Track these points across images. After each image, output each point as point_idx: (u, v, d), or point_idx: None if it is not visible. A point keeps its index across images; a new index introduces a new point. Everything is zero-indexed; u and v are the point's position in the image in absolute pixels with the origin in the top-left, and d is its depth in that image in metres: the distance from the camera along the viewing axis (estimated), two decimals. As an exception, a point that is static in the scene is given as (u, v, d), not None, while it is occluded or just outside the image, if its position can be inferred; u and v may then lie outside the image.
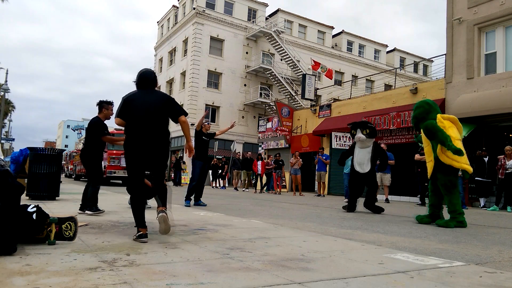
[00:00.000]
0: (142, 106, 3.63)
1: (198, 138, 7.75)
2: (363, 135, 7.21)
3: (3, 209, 2.63)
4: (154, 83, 3.87)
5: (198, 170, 7.67)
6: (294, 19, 34.78)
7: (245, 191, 17.43)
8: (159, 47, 38.49)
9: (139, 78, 3.82)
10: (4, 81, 29.05)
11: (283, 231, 4.24)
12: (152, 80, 3.85)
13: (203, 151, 7.74)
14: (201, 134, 7.76)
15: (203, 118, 7.77)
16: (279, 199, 11.65)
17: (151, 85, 3.84)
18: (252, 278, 2.15)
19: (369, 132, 7.22)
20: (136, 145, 3.57)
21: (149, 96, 3.72)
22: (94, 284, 1.94)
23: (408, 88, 15.67)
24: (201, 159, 7.65)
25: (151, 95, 3.75)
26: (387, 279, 2.26)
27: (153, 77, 3.88)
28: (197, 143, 7.74)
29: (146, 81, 3.81)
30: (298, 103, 28.43)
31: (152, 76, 3.86)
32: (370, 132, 7.24)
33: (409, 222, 5.87)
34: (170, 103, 3.78)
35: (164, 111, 3.72)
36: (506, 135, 12.69)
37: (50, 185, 7.41)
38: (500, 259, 3.09)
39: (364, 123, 7.43)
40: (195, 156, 7.74)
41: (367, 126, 7.30)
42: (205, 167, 7.79)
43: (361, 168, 7.34)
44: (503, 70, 12.36)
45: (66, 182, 17.62)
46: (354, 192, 7.51)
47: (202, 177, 7.80)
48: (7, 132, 44.31)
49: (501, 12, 12.31)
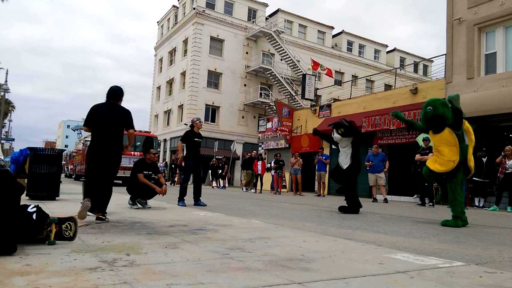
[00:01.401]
0: (106, 116, 4.61)
1: (189, 138, 7.70)
2: (338, 134, 7.26)
3: (3, 209, 2.63)
4: (120, 97, 4.84)
5: (190, 171, 7.67)
6: (294, 19, 34.79)
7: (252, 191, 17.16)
8: (159, 47, 38.50)
9: (110, 91, 4.79)
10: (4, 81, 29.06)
11: (283, 231, 4.24)
12: (119, 96, 4.82)
13: (194, 151, 7.70)
14: (192, 135, 7.71)
15: (179, 154, 8.08)
16: (279, 199, 11.65)
17: (117, 98, 4.80)
18: (252, 278, 2.15)
19: (344, 131, 7.22)
20: (98, 147, 4.57)
21: (112, 108, 4.68)
22: (94, 284, 1.93)
23: (408, 88, 15.67)
24: (192, 159, 7.62)
25: (114, 107, 4.70)
26: (387, 279, 2.26)
27: (120, 93, 4.83)
28: (189, 144, 7.71)
29: (114, 96, 4.78)
30: (298, 103, 28.43)
31: (119, 92, 4.83)
32: (345, 131, 7.23)
33: (409, 222, 5.87)
34: (127, 116, 4.71)
35: (122, 122, 4.68)
36: (506, 135, 12.69)
37: (50, 185, 7.41)
38: (500, 259, 3.09)
39: (338, 123, 7.40)
40: (187, 156, 7.76)
41: (341, 125, 7.29)
42: (198, 166, 7.73)
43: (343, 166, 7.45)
44: (503, 70, 12.36)
45: (66, 182, 17.62)
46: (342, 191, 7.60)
47: (197, 177, 7.76)
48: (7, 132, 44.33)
49: (501, 12, 12.31)
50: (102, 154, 4.58)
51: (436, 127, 5.53)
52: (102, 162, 4.60)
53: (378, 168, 12.57)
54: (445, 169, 5.45)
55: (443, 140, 5.48)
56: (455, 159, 5.37)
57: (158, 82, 38.24)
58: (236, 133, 31.07)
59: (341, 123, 7.34)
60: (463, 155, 5.43)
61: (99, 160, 4.59)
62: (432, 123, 5.55)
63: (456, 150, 5.40)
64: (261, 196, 13.72)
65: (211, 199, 9.81)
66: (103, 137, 4.59)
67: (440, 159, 5.53)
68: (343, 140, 7.31)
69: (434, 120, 5.50)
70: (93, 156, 4.61)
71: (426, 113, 5.55)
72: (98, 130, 4.62)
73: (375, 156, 12.73)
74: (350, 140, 7.35)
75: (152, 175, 6.78)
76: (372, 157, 12.80)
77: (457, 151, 5.40)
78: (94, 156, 4.60)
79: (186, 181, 7.69)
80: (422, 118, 5.71)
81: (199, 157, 7.80)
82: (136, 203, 6.55)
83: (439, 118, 5.43)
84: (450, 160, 5.40)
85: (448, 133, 5.43)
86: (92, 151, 4.61)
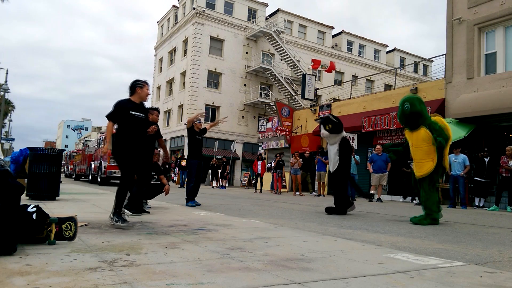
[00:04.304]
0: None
1: (191, 137, 7.57)
2: (326, 131, 6.84)
3: (3, 209, 2.63)
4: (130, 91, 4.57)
5: (195, 170, 7.53)
6: (294, 19, 34.78)
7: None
8: (159, 47, 38.48)
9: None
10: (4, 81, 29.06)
11: (283, 231, 4.24)
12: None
13: (197, 149, 7.60)
14: (194, 133, 7.58)
15: (197, 117, 7.55)
16: (279, 199, 11.65)
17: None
18: (252, 278, 2.15)
19: (332, 127, 6.79)
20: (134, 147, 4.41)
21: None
22: (94, 284, 1.93)
23: (408, 88, 15.67)
24: (196, 158, 7.53)
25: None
26: (387, 279, 2.26)
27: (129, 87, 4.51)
28: (191, 142, 7.60)
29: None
30: (298, 103, 28.43)
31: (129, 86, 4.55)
32: (333, 127, 6.80)
33: (409, 222, 5.86)
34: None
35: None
36: (506, 135, 12.68)
37: (50, 185, 7.41)
38: (500, 259, 3.09)
39: (326, 118, 7.00)
40: (190, 155, 7.67)
41: (329, 121, 6.87)
42: (201, 165, 7.64)
43: (331, 167, 7.06)
44: (503, 70, 12.35)
45: (66, 182, 17.62)
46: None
47: (198, 176, 7.68)
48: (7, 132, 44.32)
49: (501, 12, 12.31)
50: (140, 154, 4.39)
51: (413, 123, 5.66)
52: (140, 162, 4.41)
53: (383, 168, 12.59)
54: (425, 172, 5.58)
55: (420, 139, 5.62)
56: (433, 157, 5.51)
57: (158, 82, 38.24)
58: (236, 133, 31.06)
59: (329, 118, 6.94)
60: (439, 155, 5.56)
61: (137, 160, 4.33)
62: (410, 120, 5.67)
63: (434, 148, 5.51)
64: (261, 196, 13.72)
65: (211, 199, 9.80)
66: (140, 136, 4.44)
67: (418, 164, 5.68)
68: (331, 137, 6.88)
69: (412, 117, 5.64)
70: (130, 156, 4.26)
71: (404, 110, 5.67)
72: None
73: (379, 156, 12.73)
74: (339, 137, 6.94)
75: (154, 175, 6.78)
76: (376, 157, 12.80)
77: (434, 149, 5.51)
78: (131, 156, 4.27)
79: (192, 182, 7.52)
80: (400, 115, 5.82)
81: (201, 156, 7.70)
82: (136, 203, 6.53)
83: (416, 114, 5.57)
84: (429, 160, 5.54)
85: (424, 132, 5.57)
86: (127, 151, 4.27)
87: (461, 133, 11.85)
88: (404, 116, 5.72)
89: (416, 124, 5.64)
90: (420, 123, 5.61)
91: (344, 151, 6.88)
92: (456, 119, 12.57)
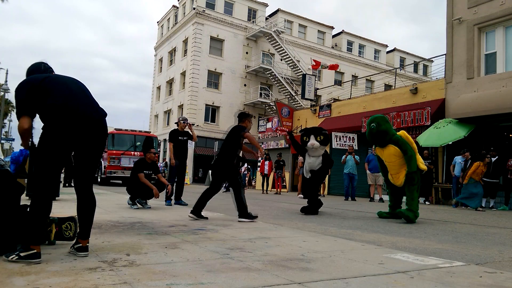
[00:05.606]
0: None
1: (174, 137, 7.64)
2: (317, 141, 6.70)
3: (3, 209, 2.63)
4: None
5: (175, 170, 7.67)
6: (294, 19, 34.78)
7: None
8: (159, 47, 38.48)
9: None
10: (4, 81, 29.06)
11: (283, 231, 4.24)
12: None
13: (179, 150, 7.67)
14: (177, 134, 7.68)
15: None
16: (279, 199, 11.65)
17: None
18: (252, 278, 2.15)
19: (323, 139, 6.74)
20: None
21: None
22: (94, 284, 1.93)
23: (408, 88, 15.66)
24: (177, 158, 7.61)
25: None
26: (387, 279, 2.26)
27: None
28: (174, 143, 7.66)
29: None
30: (298, 103, 28.42)
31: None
32: (324, 139, 6.76)
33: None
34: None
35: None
36: (506, 135, 12.68)
37: (50, 185, 7.38)
38: (500, 259, 3.09)
39: (318, 129, 6.94)
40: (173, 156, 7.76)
41: (321, 132, 6.80)
42: (183, 165, 7.74)
43: (307, 174, 7.04)
44: (503, 70, 12.35)
45: (66, 182, 17.58)
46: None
47: (180, 176, 7.77)
48: (7, 132, 44.32)
49: (501, 12, 12.30)
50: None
51: (380, 141, 6.09)
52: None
53: (379, 168, 12.56)
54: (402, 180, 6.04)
55: (391, 154, 6.02)
56: (405, 167, 5.92)
57: (158, 82, 38.23)
58: (236, 133, 31.02)
59: (321, 129, 6.88)
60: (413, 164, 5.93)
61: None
62: (377, 138, 6.09)
63: (403, 161, 5.94)
64: (261, 196, 13.72)
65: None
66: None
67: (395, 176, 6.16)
68: (319, 149, 6.74)
69: (379, 135, 6.03)
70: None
71: (371, 130, 6.09)
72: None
73: (375, 155, 12.73)
74: (324, 149, 6.89)
75: (152, 174, 6.80)
76: (372, 157, 12.80)
77: (404, 161, 5.95)
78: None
79: (172, 181, 7.68)
80: (368, 134, 6.23)
81: (184, 156, 7.78)
82: (136, 203, 6.55)
83: (383, 133, 6.00)
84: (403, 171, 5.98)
85: (393, 148, 5.97)
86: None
87: (461, 133, 11.85)
88: (371, 135, 6.14)
89: (384, 141, 6.03)
90: (387, 139, 5.99)
91: (326, 166, 7.02)
92: (456, 119, 12.57)
